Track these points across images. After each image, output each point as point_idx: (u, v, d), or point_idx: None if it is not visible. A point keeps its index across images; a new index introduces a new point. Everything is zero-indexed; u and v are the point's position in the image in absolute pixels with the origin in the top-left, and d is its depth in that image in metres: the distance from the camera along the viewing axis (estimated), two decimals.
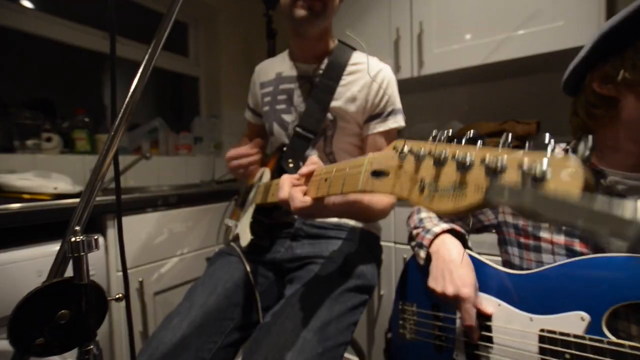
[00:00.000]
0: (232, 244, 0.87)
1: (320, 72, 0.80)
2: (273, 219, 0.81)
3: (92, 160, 1.38)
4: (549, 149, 0.21)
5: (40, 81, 1.49)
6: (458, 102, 1.59)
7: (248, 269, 0.78)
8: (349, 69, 0.80)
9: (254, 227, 0.77)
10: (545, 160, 0.20)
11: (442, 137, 0.29)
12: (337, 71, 0.79)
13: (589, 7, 1.05)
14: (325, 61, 0.80)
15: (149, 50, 0.48)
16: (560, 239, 0.52)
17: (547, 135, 0.22)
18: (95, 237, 0.40)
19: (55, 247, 0.79)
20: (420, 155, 0.30)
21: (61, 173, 1.05)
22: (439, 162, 0.28)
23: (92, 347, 0.39)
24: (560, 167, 0.20)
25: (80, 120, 1.41)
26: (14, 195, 0.87)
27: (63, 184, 0.94)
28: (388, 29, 1.43)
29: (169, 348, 0.63)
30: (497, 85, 1.49)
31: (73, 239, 0.38)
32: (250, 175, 0.84)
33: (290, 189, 0.54)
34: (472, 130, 0.28)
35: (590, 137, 0.20)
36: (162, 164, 1.63)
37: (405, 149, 0.32)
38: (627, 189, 0.50)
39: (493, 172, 0.23)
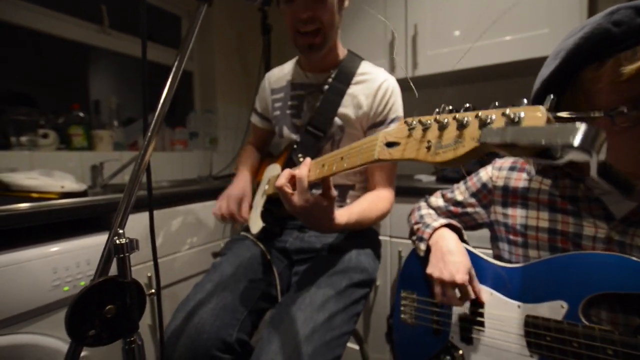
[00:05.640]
0: (244, 233, 0.91)
1: (330, 80, 0.85)
2: (282, 210, 0.85)
3: (89, 157, 1.37)
4: (524, 102, 0.28)
5: (25, 75, 1.45)
6: (448, 101, 1.65)
7: (264, 248, 0.84)
8: (357, 78, 0.85)
9: (265, 215, 0.82)
10: (520, 108, 0.27)
11: (444, 110, 0.35)
12: (347, 77, 0.84)
13: (572, 16, 1.13)
14: (336, 70, 0.85)
15: (175, 64, 0.52)
16: (545, 236, 0.59)
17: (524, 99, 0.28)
18: (136, 239, 0.44)
19: (67, 245, 0.81)
20: (427, 123, 0.36)
21: (59, 170, 1.06)
22: (443, 126, 0.33)
23: (135, 337, 0.43)
24: (531, 112, 0.26)
25: (75, 115, 1.39)
26: (22, 194, 0.87)
27: (69, 183, 0.95)
28: (384, 30, 1.47)
29: (211, 308, 0.69)
30: (486, 87, 1.57)
31: (117, 241, 0.42)
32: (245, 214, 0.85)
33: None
34: (468, 104, 0.33)
35: (551, 95, 0.26)
36: (158, 160, 1.63)
37: (414, 122, 0.38)
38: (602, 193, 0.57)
39: (484, 123, 0.29)
